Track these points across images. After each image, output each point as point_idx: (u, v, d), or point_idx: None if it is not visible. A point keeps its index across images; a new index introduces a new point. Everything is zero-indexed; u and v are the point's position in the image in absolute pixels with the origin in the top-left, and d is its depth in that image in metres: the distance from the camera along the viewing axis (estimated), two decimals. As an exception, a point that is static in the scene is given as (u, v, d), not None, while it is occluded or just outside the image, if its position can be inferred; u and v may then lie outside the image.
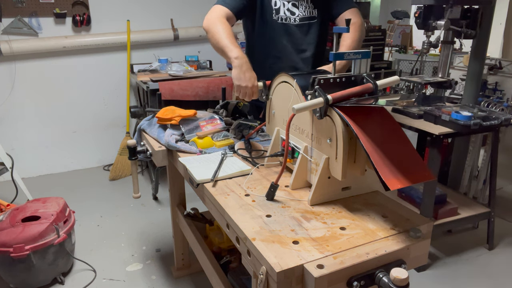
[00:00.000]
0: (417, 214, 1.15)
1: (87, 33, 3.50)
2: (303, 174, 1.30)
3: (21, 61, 3.34)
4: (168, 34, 3.69)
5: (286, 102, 1.38)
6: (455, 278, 2.23)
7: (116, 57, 3.64)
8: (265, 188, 1.25)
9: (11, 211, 2.16)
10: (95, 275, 2.25)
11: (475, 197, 2.90)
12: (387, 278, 0.92)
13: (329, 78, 1.20)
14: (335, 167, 1.14)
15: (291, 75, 1.34)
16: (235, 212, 1.16)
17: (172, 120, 1.76)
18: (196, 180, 1.36)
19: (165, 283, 2.21)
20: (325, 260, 0.94)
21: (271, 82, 1.49)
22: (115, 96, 3.74)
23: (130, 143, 1.73)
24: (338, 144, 1.11)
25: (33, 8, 3.26)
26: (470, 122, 1.99)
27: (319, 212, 1.17)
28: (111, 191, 3.35)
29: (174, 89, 3.03)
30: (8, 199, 2.62)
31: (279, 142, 1.45)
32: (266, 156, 1.46)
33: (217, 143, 1.66)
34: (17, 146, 3.47)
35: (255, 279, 1.01)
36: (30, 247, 1.98)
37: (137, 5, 3.61)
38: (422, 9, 2.29)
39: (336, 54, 1.18)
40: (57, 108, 3.57)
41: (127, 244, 2.57)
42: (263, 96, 1.54)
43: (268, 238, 1.03)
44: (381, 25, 4.58)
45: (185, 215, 2.02)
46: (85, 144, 3.76)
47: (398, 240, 1.02)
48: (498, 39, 4.92)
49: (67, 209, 2.25)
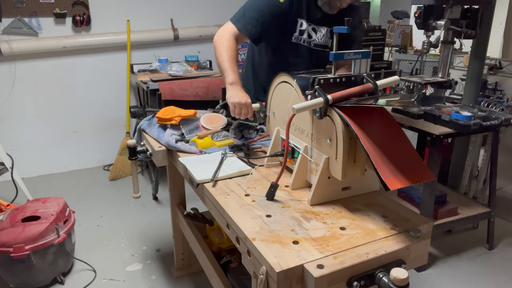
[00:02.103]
0: (417, 214, 1.15)
1: (87, 33, 3.50)
2: (303, 174, 1.30)
3: (21, 61, 3.34)
4: (168, 34, 3.69)
5: (286, 102, 1.38)
6: (455, 278, 2.23)
7: (116, 57, 3.64)
8: (265, 188, 1.25)
9: (11, 211, 2.16)
10: (95, 275, 2.25)
11: (475, 197, 2.90)
12: (387, 278, 0.92)
13: (329, 78, 1.20)
14: (335, 167, 1.14)
15: (291, 75, 1.33)
16: (235, 212, 1.16)
17: (172, 120, 1.76)
18: (196, 180, 1.36)
19: (165, 283, 2.21)
20: (325, 260, 0.94)
21: (271, 82, 1.50)
22: (115, 96, 3.74)
23: (130, 143, 1.73)
24: (338, 144, 1.11)
25: (33, 8, 3.26)
26: (470, 122, 1.99)
27: (319, 212, 1.17)
28: (111, 191, 3.35)
29: (174, 89, 3.03)
30: (8, 199, 2.62)
31: (279, 142, 1.45)
32: (265, 156, 1.46)
33: (217, 143, 1.66)
34: (17, 146, 3.47)
35: (255, 279, 1.01)
36: (30, 247, 1.98)
37: (137, 5, 3.61)
38: (422, 9, 2.29)
39: (336, 54, 1.18)
40: (57, 108, 3.57)
41: (127, 244, 2.57)
42: (261, 115, 1.59)
43: (268, 238, 1.03)
44: (381, 25, 4.58)
45: (185, 215, 2.02)
46: (85, 144, 3.76)
47: (398, 240, 1.02)
48: (498, 39, 4.92)
49: (67, 209, 2.25)
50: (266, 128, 1.61)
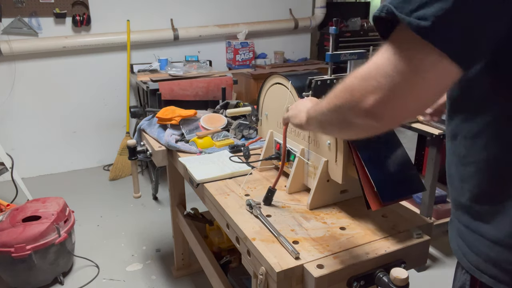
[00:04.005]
0: (417, 214, 1.15)
1: (87, 33, 3.50)
2: (300, 177, 1.28)
3: (21, 61, 3.34)
4: (168, 34, 3.69)
5: (279, 103, 1.37)
6: (455, 278, 2.22)
7: (116, 57, 3.64)
8: (265, 188, 1.25)
9: (11, 211, 2.16)
10: (98, 271, 2.25)
11: (475, 197, 2.90)
12: (387, 278, 0.92)
13: (326, 79, 1.20)
14: (335, 170, 1.14)
15: (285, 76, 1.32)
16: (235, 212, 1.16)
17: (172, 120, 1.76)
18: (196, 180, 1.36)
19: (165, 283, 2.21)
20: (325, 260, 0.94)
21: (263, 84, 1.47)
22: (115, 96, 3.74)
23: (130, 143, 1.73)
24: (339, 147, 1.10)
25: (33, 8, 3.26)
26: (470, 122, 1.98)
27: (319, 212, 1.17)
28: (111, 191, 3.35)
29: (174, 89, 3.03)
30: (8, 199, 2.62)
31: (272, 145, 1.43)
32: (260, 160, 1.45)
33: (217, 143, 1.66)
34: (17, 146, 3.47)
35: (255, 279, 1.01)
36: (31, 247, 1.98)
37: (137, 5, 3.61)
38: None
39: (333, 55, 1.18)
40: (57, 108, 3.57)
41: (127, 244, 2.57)
42: (253, 118, 1.55)
43: (268, 238, 1.03)
44: (381, 25, 4.58)
45: (185, 215, 2.02)
46: (85, 144, 3.76)
47: (398, 240, 1.03)
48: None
49: (67, 209, 2.26)
50: (258, 130, 1.60)
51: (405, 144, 1.19)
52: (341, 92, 0.66)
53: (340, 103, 0.66)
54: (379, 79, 0.58)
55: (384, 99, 0.58)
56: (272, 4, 4.16)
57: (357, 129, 0.66)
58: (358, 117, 0.62)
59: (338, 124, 0.70)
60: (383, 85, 0.57)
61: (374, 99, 0.58)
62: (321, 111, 0.76)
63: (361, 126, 0.64)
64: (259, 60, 4.03)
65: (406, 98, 0.57)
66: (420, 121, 2.13)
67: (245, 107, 1.58)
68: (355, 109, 0.62)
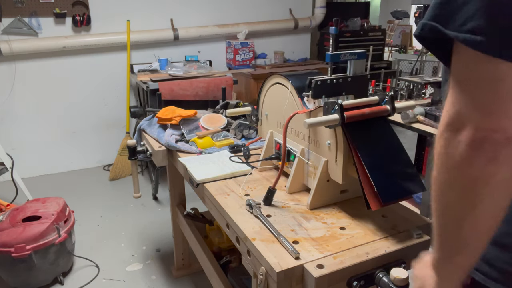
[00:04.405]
0: (417, 214, 1.15)
1: (87, 33, 3.50)
2: (300, 177, 1.28)
3: (21, 61, 3.34)
4: (168, 34, 3.69)
5: (279, 104, 1.37)
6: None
7: (116, 57, 3.64)
8: (265, 188, 1.25)
9: (11, 211, 2.16)
10: (98, 271, 2.25)
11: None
12: (387, 278, 0.92)
13: (326, 79, 1.20)
14: (335, 170, 1.14)
15: (285, 76, 1.32)
16: (235, 212, 1.16)
17: (172, 120, 1.76)
18: (196, 180, 1.36)
19: (165, 283, 2.21)
20: (325, 260, 0.94)
21: (263, 84, 1.47)
22: (115, 96, 3.74)
23: (130, 143, 1.74)
24: (339, 147, 1.10)
25: (33, 8, 3.26)
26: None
27: (319, 212, 1.17)
28: (111, 191, 3.35)
29: (174, 89, 3.03)
30: (8, 199, 2.62)
31: (272, 145, 1.44)
32: (259, 160, 1.45)
33: (217, 143, 1.66)
34: (17, 146, 3.47)
35: (255, 279, 1.01)
36: (31, 247, 1.98)
37: (137, 5, 3.61)
38: (422, 9, 2.29)
39: (333, 55, 1.18)
40: (57, 108, 3.57)
41: (127, 244, 2.57)
42: (253, 118, 1.55)
43: (268, 238, 1.03)
44: (381, 25, 4.59)
45: (185, 215, 2.02)
46: (85, 144, 3.76)
47: (398, 240, 1.03)
48: (498, 39, 4.91)
49: (67, 209, 2.26)
50: (258, 130, 1.60)
51: (405, 144, 1.19)
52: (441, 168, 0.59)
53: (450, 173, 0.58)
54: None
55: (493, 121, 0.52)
56: (272, 4, 4.16)
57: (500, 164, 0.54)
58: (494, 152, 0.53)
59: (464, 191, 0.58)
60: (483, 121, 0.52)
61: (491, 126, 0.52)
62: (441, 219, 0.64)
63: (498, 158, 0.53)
64: (259, 60, 4.03)
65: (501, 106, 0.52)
66: (420, 121, 2.13)
67: (245, 107, 1.58)
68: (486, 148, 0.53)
